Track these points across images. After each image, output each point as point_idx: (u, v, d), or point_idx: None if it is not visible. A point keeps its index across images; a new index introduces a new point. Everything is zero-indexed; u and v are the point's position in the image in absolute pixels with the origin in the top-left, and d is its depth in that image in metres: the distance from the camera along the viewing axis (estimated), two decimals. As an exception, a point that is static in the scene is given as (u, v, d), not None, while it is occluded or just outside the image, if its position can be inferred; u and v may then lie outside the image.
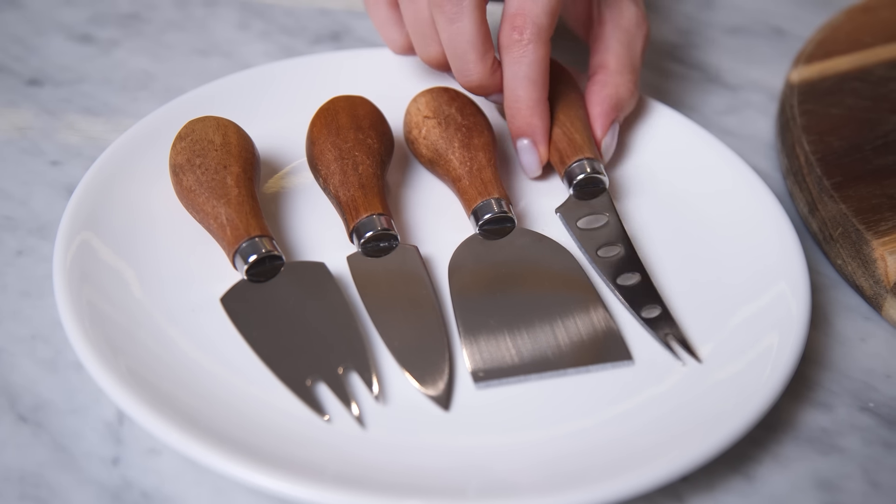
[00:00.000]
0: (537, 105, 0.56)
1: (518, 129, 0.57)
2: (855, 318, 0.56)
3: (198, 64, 0.69)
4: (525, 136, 0.57)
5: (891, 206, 0.57)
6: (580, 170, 0.56)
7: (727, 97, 0.70)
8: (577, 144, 0.57)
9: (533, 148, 0.57)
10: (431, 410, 0.49)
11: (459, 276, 0.54)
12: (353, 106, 0.58)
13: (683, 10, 0.77)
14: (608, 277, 0.53)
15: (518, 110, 0.56)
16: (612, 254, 0.54)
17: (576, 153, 0.57)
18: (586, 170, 0.56)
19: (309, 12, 0.74)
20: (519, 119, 0.57)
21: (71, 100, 0.65)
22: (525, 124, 0.57)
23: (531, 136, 0.57)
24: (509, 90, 0.56)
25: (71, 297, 0.49)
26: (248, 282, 0.52)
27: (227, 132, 0.55)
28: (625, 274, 0.53)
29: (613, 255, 0.54)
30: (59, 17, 0.71)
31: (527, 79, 0.55)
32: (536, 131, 0.57)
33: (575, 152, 0.57)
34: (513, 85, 0.56)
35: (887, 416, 0.51)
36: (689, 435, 0.47)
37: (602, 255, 0.54)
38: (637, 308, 0.52)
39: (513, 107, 0.57)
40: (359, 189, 0.54)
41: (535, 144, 0.57)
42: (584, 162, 0.56)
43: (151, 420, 0.45)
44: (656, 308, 0.52)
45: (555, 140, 0.58)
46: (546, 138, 0.57)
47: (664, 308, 0.52)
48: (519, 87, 0.56)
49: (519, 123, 0.57)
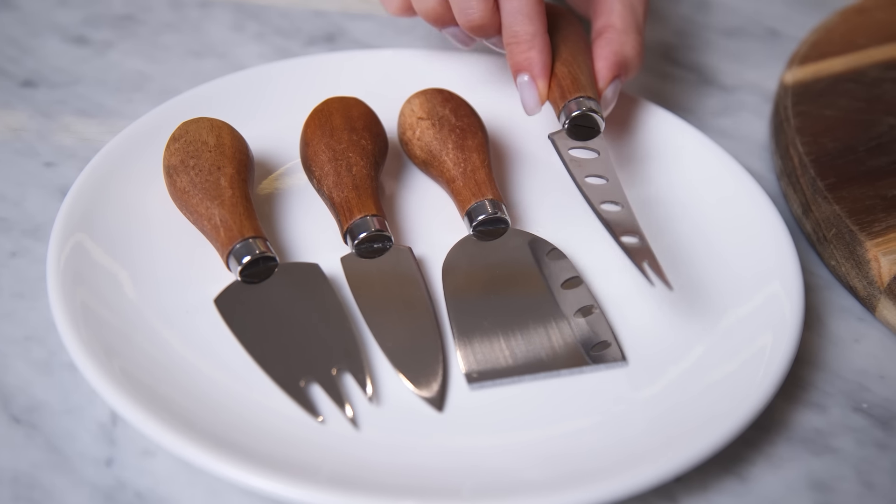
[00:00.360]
0: (534, 38, 0.56)
1: (517, 65, 0.57)
2: (848, 318, 0.56)
3: (192, 65, 0.69)
4: (524, 71, 0.56)
5: (884, 207, 0.57)
6: (578, 106, 0.55)
7: (722, 98, 0.70)
8: (581, 83, 0.56)
9: (532, 83, 0.57)
10: (425, 411, 0.49)
11: (453, 278, 0.54)
12: (347, 107, 0.58)
13: (679, 12, 0.77)
14: (594, 201, 0.52)
15: (516, 45, 0.56)
16: (598, 183, 0.53)
17: (578, 91, 0.56)
18: (585, 106, 0.55)
19: (303, 14, 0.74)
20: (517, 54, 0.56)
21: (65, 101, 0.65)
22: (523, 59, 0.56)
23: (529, 70, 0.56)
24: (507, 27, 0.56)
25: (65, 299, 0.49)
26: (242, 283, 0.52)
27: (221, 133, 0.55)
28: (608, 203, 0.53)
29: (600, 184, 0.53)
30: (53, 19, 0.71)
31: (521, 13, 0.55)
32: (534, 65, 0.56)
33: (577, 90, 0.56)
34: (509, 21, 0.56)
35: (881, 416, 0.51)
36: (682, 435, 0.47)
37: (589, 182, 0.53)
38: (619, 233, 0.51)
39: (511, 42, 0.56)
40: (353, 190, 0.54)
41: (534, 79, 0.56)
42: (584, 99, 0.55)
43: (145, 421, 0.45)
44: (634, 237, 0.51)
45: (558, 76, 0.57)
46: (545, 73, 0.57)
47: (642, 238, 0.51)
48: (515, 22, 0.56)
49: (517, 58, 0.56)
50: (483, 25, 0.56)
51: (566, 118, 0.56)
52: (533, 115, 0.58)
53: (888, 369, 0.53)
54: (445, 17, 0.57)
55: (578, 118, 0.55)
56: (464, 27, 0.57)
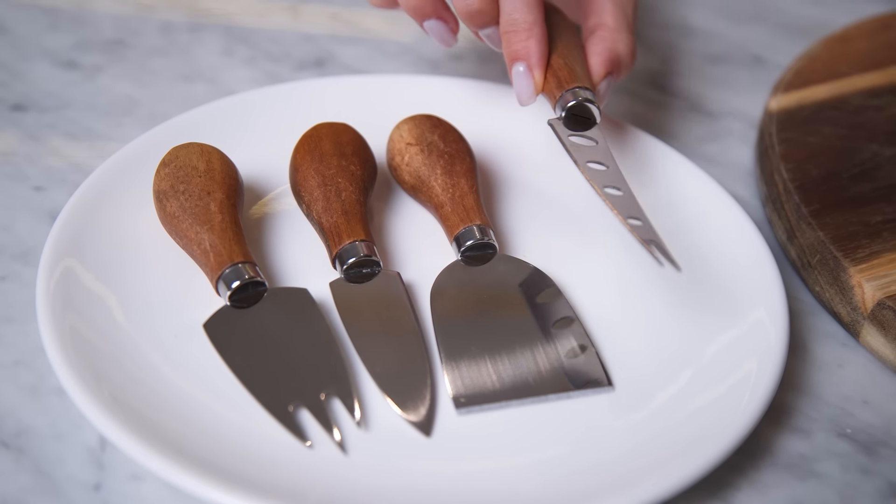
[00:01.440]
0: (533, 27, 0.56)
1: (514, 53, 0.56)
2: (833, 344, 0.56)
3: (182, 90, 0.69)
4: (521, 60, 0.56)
5: (867, 233, 0.58)
6: (574, 96, 0.55)
7: (708, 125, 0.70)
8: (577, 74, 0.56)
9: (528, 73, 0.56)
10: (413, 435, 0.49)
11: (441, 302, 0.54)
12: (337, 133, 0.58)
13: (665, 39, 0.78)
14: (598, 185, 0.53)
15: (515, 33, 0.56)
16: (600, 169, 0.54)
17: (574, 81, 0.56)
18: (582, 96, 0.55)
19: (293, 39, 0.74)
20: (515, 42, 0.56)
21: (55, 125, 0.66)
22: (521, 47, 0.56)
23: (526, 59, 0.56)
24: (505, 14, 0.56)
25: (54, 323, 0.50)
26: (231, 308, 0.52)
27: (211, 158, 0.56)
28: (610, 188, 0.53)
29: (601, 170, 0.54)
30: (43, 43, 0.72)
31: (520, 1, 0.55)
32: (532, 54, 0.56)
33: (574, 80, 0.56)
34: (508, 9, 0.56)
35: (864, 442, 0.52)
36: (667, 460, 0.47)
37: (591, 167, 0.54)
38: (626, 214, 0.51)
39: (509, 30, 0.56)
40: (342, 215, 0.55)
41: (531, 69, 0.56)
42: (580, 89, 0.55)
43: (134, 446, 0.45)
44: (638, 220, 0.51)
45: (554, 67, 0.57)
46: (542, 63, 0.56)
47: (646, 221, 0.51)
48: (514, 10, 0.56)
49: (515, 47, 0.56)
50: (482, 11, 0.56)
51: (562, 108, 0.56)
52: (526, 105, 0.57)
53: (872, 395, 0.54)
54: (427, 8, 0.57)
55: (576, 108, 0.55)
56: (461, 14, 0.57)
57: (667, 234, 0.59)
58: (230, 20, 0.75)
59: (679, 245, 0.58)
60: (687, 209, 0.60)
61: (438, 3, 0.58)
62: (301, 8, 0.77)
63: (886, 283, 0.55)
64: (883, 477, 0.50)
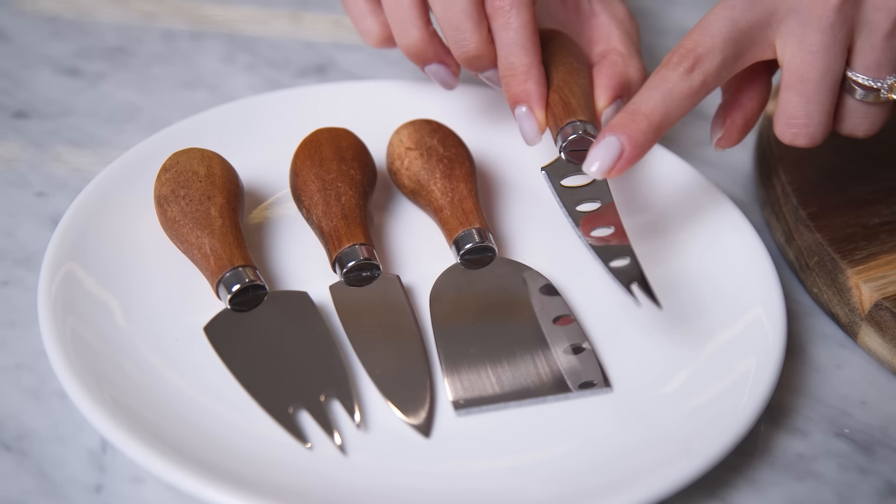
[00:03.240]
0: (530, 70, 0.56)
1: (515, 96, 0.57)
2: (830, 345, 0.57)
3: (184, 96, 0.70)
4: (522, 103, 0.57)
5: (865, 235, 0.58)
6: (572, 130, 0.56)
7: (706, 129, 0.71)
8: (572, 108, 0.57)
9: (530, 114, 0.57)
10: (413, 437, 0.49)
11: (441, 305, 0.54)
12: (337, 138, 0.58)
13: (663, 44, 0.78)
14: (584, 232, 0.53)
15: (513, 77, 0.56)
16: (591, 208, 0.54)
17: (568, 116, 0.56)
18: (578, 131, 0.56)
19: (294, 45, 0.75)
20: (514, 86, 0.57)
21: (57, 132, 0.66)
22: (521, 90, 0.57)
23: (527, 101, 0.57)
24: (502, 58, 0.56)
25: (55, 327, 0.50)
26: (232, 311, 0.52)
27: (212, 164, 0.56)
28: (601, 228, 0.53)
29: (592, 209, 0.54)
30: (46, 51, 0.72)
31: (516, 45, 0.56)
32: (532, 96, 0.57)
33: (568, 115, 0.56)
34: (505, 53, 0.56)
35: (862, 441, 0.52)
36: (666, 460, 0.47)
37: (581, 210, 0.54)
38: (607, 259, 0.51)
39: (507, 74, 0.57)
40: (341, 219, 0.55)
41: (532, 110, 0.57)
42: (577, 123, 0.56)
43: (135, 448, 0.45)
44: (625, 259, 0.51)
45: (551, 105, 0.57)
46: (542, 103, 0.57)
47: (633, 258, 0.51)
48: (511, 54, 0.56)
49: (515, 90, 0.57)
50: (478, 56, 0.57)
51: (563, 142, 0.56)
52: (533, 144, 0.58)
53: (869, 395, 0.54)
54: (428, 53, 0.58)
55: (574, 143, 0.56)
56: (459, 60, 0.57)
57: (665, 237, 0.59)
58: (231, 27, 0.76)
59: (678, 247, 0.59)
60: (686, 212, 0.60)
61: (439, 48, 0.58)
62: (302, 15, 0.78)
63: (884, 284, 0.55)
64: (881, 477, 0.50)
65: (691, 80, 0.51)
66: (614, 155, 0.51)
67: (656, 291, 0.56)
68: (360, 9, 0.59)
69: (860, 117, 0.54)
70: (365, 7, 0.59)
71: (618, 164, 0.51)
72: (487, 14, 0.56)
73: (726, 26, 0.52)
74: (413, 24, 0.57)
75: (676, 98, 0.52)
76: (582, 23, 0.62)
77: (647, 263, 0.57)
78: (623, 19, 0.61)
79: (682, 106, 0.52)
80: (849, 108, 0.54)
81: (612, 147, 0.51)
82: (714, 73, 0.52)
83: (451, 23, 0.56)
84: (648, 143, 0.52)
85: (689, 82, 0.52)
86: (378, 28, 0.59)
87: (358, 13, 0.59)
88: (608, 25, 0.61)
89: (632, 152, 0.51)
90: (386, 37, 0.59)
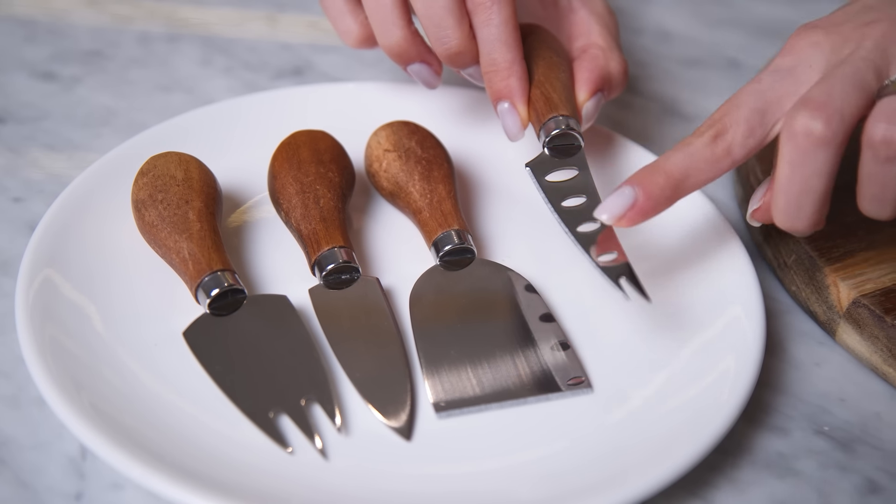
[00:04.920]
0: (512, 66, 0.56)
1: (497, 92, 0.57)
2: (809, 343, 0.57)
3: (160, 100, 0.69)
4: (504, 99, 0.57)
5: (842, 233, 0.58)
6: (555, 125, 0.56)
7: (683, 127, 0.71)
8: (553, 102, 0.57)
9: (513, 110, 0.57)
10: (394, 440, 0.49)
11: (420, 307, 0.54)
12: (315, 140, 0.58)
13: (641, 44, 0.79)
14: (569, 227, 0.53)
15: (496, 73, 0.57)
16: (576, 204, 0.54)
17: (550, 111, 0.56)
18: (561, 126, 0.56)
19: (271, 48, 0.75)
20: (497, 82, 0.57)
21: (33, 137, 0.66)
22: (503, 86, 0.57)
23: (509, 97, 0.57)
24: (484, 55, 0.56)
25: (33, 333, 0.50)
26: (211, 315, 0.52)
27: (189, 167, 0.56)
28: (587, 223, 0.53)
29: (578, 205, 0.54)
30: (21, 55, 0.72)
31: (499, 41, 0.56)
32: (514, 92, 0.57)
33: (550, 110, 0.56)
34: (487, 49, 0.56)
35: (841, 439, 0.52)
36: (647, 460, 0.47)
37: (567, 205, 0.54)
38: (594, 255, 0.51)
39: (490, 70, 0.57)
40: (320, 222, 0.55)
41: (514, 105, 0.57)
42: (559, 118, 0.56)
43: (114, 454, 0.45)
44: (613, 253, 0.51)
45: (532, 101, 0.57)
46: (525, 98, 0.57)
47: (621, 253, 0.51)
48: (493, 50, 0.56)
49: (498, 86, 0.57)
50: (461, 53, 0.57)
51: (546, 137, 0.56)
52: (516, 140, 0.58)
53: (848, 392, 0.54)
54: (410, 52, 0.58)
55: (556, 137, 0.56)
56: (442, 57, 0.57)
57: (644, 237, 0.59)
58: (208, 30, 0.76)
59: (656, 247, 0.59)
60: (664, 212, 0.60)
61: (421, 47, 0.58)
62: (279, 17, 0.78)
63: (861, 281, 0.56)
64: (860, 474, 0.51)
65: (714, 147, 0.51)
66: (626, 204, 0.51)
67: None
68: (339, 9, 0.59)
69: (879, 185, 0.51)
70: (344, 7, 0.59)
71: (629, 213, 0.51)
72: (469, 10, 0.56)
73: (753, 98, 0.52)
74: (395, 24, 0.57)
75: (698, 161, 0.51)
76: (561, 19, 0.62)
77: (627, 263, 0.58)
78: (602, 14, 0.61)
79: (703, 170, 0.52)
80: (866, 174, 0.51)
81: (626, 197, 0.51)
82: (739, 143, 0.52)
83: (433, 20, 0.56)
84: (664, 197, 0.51)
85: (713, 148, 0.52)
86: (357, 28, 0.59)
87: (337, 13, 0.59)
88: (587, 20, 0.61)
89: (645, 203, 0.51)
90: (365, 37, 0.59)
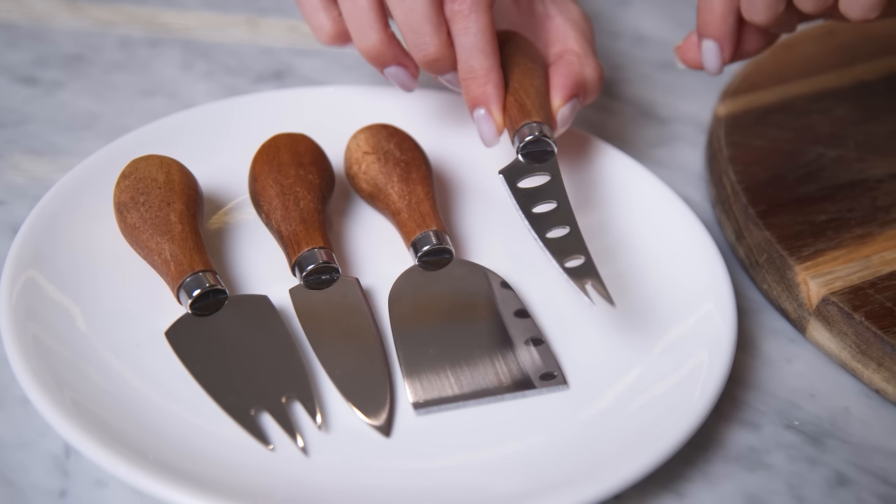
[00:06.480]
0: (489, 73, 0.57)
1: (474, 99, 0.58)
2: (780, 340, 0.58)
3: (142, 104, 0.70)
4: (480, 105, 0.58)
5: (812, 232, 0.59)
6: (528, 132, 0.56)
7: (658, 130, 0.72)
8: (527, 109, 0.57)
9: (489, 116, 0.58)
10: (373, 436, 0.50)
11: (399, 307, 0.55)
12: (295, 143, 0.59)
13: (616, 47, 0.80)
14: (538, 233, 0.53)
15: (473, 80, 0.57)
16: (546, 209, 0.54)
17: (524, 118, 0.57)
18: (534, 132, 0.56)
19: (252, 52, 0.75)
20: (474, 89, 0.58)
21: (16, 140, 0.66)
22: (480, 93, 0.58)
23: (486, 104, 0.58)
24: (462, 62, 0.57)
25: (17, 333, 0.50)
26: (193, 316, 0.53)
27: (171, 170, 0.56)
28: (556, 228, 0.53)
29: (548, 210, 0.54)
30: (2, 59, 0.72)
31: (476, 48, 0.57)
32: (490, 99, 0.58)
33: (523, 117, 0.57)
34: (465, 56, 0.57)
35: (811, 433, 0.53)
36: (621, 454, 0.48)
37: (537, 211, 0.54)
38: (562, 258, 0.52)
39: (467, 78, 0.57)
40: (300, 224, 0.56)
41: (491, 112, 0.58)
42: (532, 125, 0.57)
43: (98, 452, 0.46)
44: (580, 258, 0.52)
45: (507, 107, 0.58)
46: (500, 105, 0.58)
47: (588, 258, 0.52)
48: (471, 57, 0.57)
49: (474, 93, 0.58)
50: (438, 59, 0.57)
51: (520, 143, 0.57)
52: (492, 146, 0.59)
53: (818, 388, 0.55)
54: (387, 55, 0.58)
55: (530, 143, 0.57)
56: (418, 62, 0.58)
57: (619, 236, 0.60)
58: (189, 34, 0.76)
59: (630, 246, 0.60)
60: (638, 211, 0.61)
61: (398, 50, 0.59)
62: (259, 21, 0.78)
63: (830, 279, 0.57)
64: (829, 467, 0.52)
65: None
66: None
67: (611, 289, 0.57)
68: (313, 5, 0.59)
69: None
70: (317, 4, 0.59)
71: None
72: (447, 18, 0.56)
73: None
74: (371, 27, 0.57)
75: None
76: (537, 25, 0.63)
77: (600, 262, 0.58)
78: (578, 20, 0.62)
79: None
80: None
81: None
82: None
83: (411, 26, 0.56)
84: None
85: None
86: (330, 24, 0.59)
87: (310, 10, 0.59)
88: (563, 26, 0.61)
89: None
90: (337, 33, 0.59)
